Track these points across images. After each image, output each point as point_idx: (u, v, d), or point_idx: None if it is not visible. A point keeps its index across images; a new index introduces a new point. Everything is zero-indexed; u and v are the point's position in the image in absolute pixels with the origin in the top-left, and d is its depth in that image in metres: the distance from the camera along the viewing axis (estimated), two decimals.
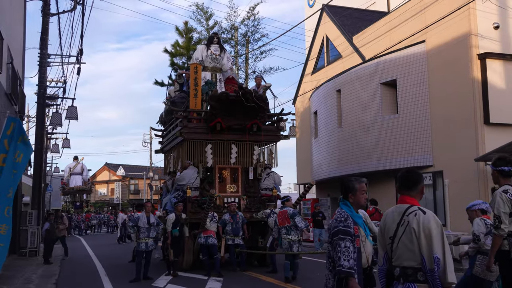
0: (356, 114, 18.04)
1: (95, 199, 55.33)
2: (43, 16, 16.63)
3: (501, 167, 4.89)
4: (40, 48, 16.62)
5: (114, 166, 57.87)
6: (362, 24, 20.55)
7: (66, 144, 25.63)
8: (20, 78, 17.06)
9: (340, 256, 3.48)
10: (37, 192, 16.24)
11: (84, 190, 26.60)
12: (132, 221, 11.01)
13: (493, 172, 5.00)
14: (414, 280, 3.18)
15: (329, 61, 21.98)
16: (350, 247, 3.50)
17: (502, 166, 4.88)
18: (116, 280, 10.69)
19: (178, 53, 23.52)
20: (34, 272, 11.94)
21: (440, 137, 14.94)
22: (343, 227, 3.59)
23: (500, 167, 4.88)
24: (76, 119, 17.66)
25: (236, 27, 24.87)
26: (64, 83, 21.79)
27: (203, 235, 11.41)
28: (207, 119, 12.67)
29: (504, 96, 13.88)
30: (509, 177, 4.89)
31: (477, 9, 13.92)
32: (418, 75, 15.70)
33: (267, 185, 13.38)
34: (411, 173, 3.47)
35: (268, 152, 13.91)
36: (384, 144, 16.62)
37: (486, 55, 13.82)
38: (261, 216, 12.30)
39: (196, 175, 12.68)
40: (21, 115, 16.95)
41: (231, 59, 15.43)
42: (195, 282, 10.22)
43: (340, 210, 3.77)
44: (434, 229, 3.16)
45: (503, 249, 4.89)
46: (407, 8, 16.52)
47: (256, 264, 12.90)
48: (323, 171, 20.58)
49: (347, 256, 3.47)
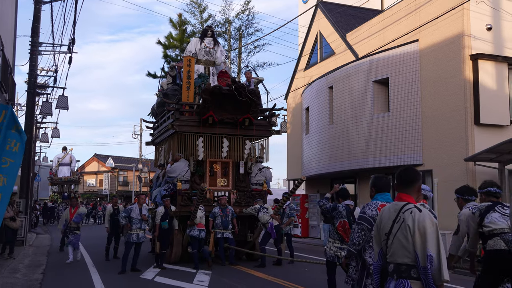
0: (347, 112, 18.09)
1: (84, 190, 55.03)
2: (35, 3, 16.47)
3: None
4: (32, 36, 16.47)
5: (103, 157, 57.59)
6: (356, 21, 20.58)
7: (55, 134, 25.43)
8: (11, 66, 16.86)
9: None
10: (25, 182, 16.12)
11: (72, 181, 26.44)
12: (125, 212, 11.00)
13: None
14: (408, 276, 3.20)
15: (322, 57, 21.99)
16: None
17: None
18: (103, 271, 10.66)
19: (172, 45, 23.41)
20: (20, 261, 11.86)
21: (430, 137, 15.04)
22: None
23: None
24: (66, 109, 17.52)
25: (230, 21, 24.79)
26: (55, 72, 21.59)
27: (197, 228, 11.41)
28: (199, 112, 12.63)
29: (494, 97, 13.99)
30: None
31: (471, 10, 14.00)
32: (411, 74, 15.77)
33: (257, 180, 13.39)
34: (408, 171, 3.50)
35: (260, 147, 13.91)
36: (374, 142, 16.68)
37: (478, 56, 13.91)
38: (251, 212, 12.31)
39: (187, 168, 12.65)
40: (11, 103, 16.77)
41: (224, 53, 15.38)
42: (184, 275, 10.21)
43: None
44: (429, 227, 3.18)
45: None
46: (401, 7, 16.57)
47: (245, 258, 12.92)
48: (313, 167, 20.63)
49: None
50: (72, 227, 12.41)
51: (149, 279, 9.78)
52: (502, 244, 4.83)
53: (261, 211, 12.05)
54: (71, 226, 12.40)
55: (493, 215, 4.94)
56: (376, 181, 4.79)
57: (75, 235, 12.39)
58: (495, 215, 4.94)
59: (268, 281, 9.64)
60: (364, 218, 4.59)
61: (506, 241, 4.80)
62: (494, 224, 4.89)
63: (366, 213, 4.61)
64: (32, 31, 16.42)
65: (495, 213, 4.95)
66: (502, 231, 4.86)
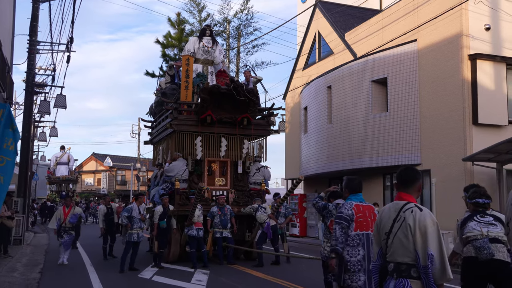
0: (346, 111, 18.09)
1: (82, 189, 54.95)
2: (33, 2, 16.42)
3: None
4: (30, 34, 16.43)
5: (101, 156, 57.48)
6: (354, 21, 20.59)
7: (53, 133, 25.40)
8: (9, 64, 16.79)
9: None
10: (23, 181, 16.08)
11: (70, 180, 26.43)
12: (127, 211, 10.96)
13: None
14: (408, 276, 3.20)
15: (320, 57, 22.00)
16: None
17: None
18: (101, 271, 10.64)
19: (170, 44, 23.39)
20: (18, 260, 11.83)
21: (428, 136, 15.05)
22: None
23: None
24: (64, 108, 17.50)
25: (229, 20, 24.78)
26: (53, 71, 21.55)
27: (195, 227, 11.40)
28: (198, 112, 12.61)
29: (493, 97, 14.01)
30: None
31: (469, 10, 14.01)
32: (409, 73, 15.78)
33: (256, 179, 13.37)
34: (409, 171, 3.50)
35: (258, 147, 13.91)
36: (373, 142, 16.69)
37: (477, 56, 13.93)
38: (249, 211, 12.31)
39: (185, 167, 12.63)
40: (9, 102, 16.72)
41: (223, 52, 15.36)
42: (182, 274, 10.20)
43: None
44: (430, 227, 3.18)
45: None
46: (400, 6, 16.57)
47: (243, 258, 12.92)
48: (311, 167, 20.63)
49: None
50: (67, 227, 11.86)
51: (147, 278, 9.77)
52: (472, 251, 4.94)
53: (259, 210, 12.04)
54: (65, 226, 11.83)
55: (469, 224, 5.05)
56: (348, 182, 5.17)
57: (70, 235, 11.87)
58: (472, 223, 5.05)
59: (267, 280, 9.64)
60: (342, 217, 4.93)
61: (476, 247, 4.90)
62: (469, 232, 5.01)
63: (343, 213, 4.95)
64: (30, 29, 16.38)
65: (472, 222, 5.06)
66: (474, 237, 4.95)
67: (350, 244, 4.88)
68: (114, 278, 9.85)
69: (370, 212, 5.05)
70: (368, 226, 4.93)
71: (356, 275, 4.83)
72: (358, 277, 4.83)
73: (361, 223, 4.93)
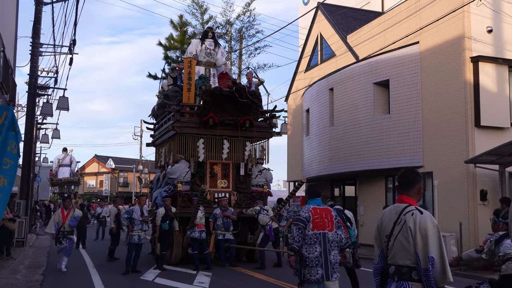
0: (348, 113, 18.09)
1: (84, 190, 55.03)
2: (36, 4, 16.48)
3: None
4: (32, 37, 16.47)
5: (103, 158, 57.59)
6: (356, 23, 20.59)
7: (56, 135, 25.41)
8: (12, 67, 16.87)
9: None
10: (26, 182, 16.11)
11: (72, 182, 26.42)
12: (127, 213, 10.98)
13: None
14: (409, 278, 3.20)
15: (322, 59, 22.01)
16: None
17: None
18: (103, 273, 10.66)
19: (172, 46, 23.40)
20: (21, 262, 11.86)
21: (430, 139, 15.03)
22: None
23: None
24: (67, 110, 17.51)
25: (231, 23, 24.81)
26: (55, 73, 21.60)
27: (197, 229, 11.41)
28: (200, 114, 12.63)
29: (495, 100, 13.99)
30: None
31: (471, 12, 14.00)
32: (411, 76, 15.77)
33: (258, 181, 13.39)
34: (409, 173, 3.49)
35: (260, 149, 13.92)
36: (375, 144, 16.68)
37: (479, 58, 13.91)
38: (251, 213, 12.32)
39: (187, 170, 12.65)
40: (12, 104, 16.78)
41: (225, 54, 15.39)
42: (184, 276, 10.21)
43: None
44: (431, 229, 3.18)
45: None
46: (402, 9, 16.57)
47: (245, 260, 12.92)
48: (314, 169, 20.62)
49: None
50: (66, 232, 10.91)
51: (149, 280, 9.79)
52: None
53: (261, 213, 12.05)
54: (65, 231, 10.88)
55: (506, 242, 5.06)
56: (309, 189, 5.94)
57: (69, 240, 10.94)
58: (508, 241, 5.05)
59: (268, 282, 9.64)
60: (300, 219, 5.55)
61: None
62: (509, 249, 5.00)
63: (300, 215, 5.57)
64: (33, 32, 16.43)
65: (507, 240, 5.06)
66: None
67: (308, 242, 5.47)
68: (116, 280, 9.87)
69: (327, 213, 5.64)
70: (325, 226, 5.54)
71: (314, 270, 5.40)
72: (316, 271, 5.40)
73: (317, 223, 5.51)
